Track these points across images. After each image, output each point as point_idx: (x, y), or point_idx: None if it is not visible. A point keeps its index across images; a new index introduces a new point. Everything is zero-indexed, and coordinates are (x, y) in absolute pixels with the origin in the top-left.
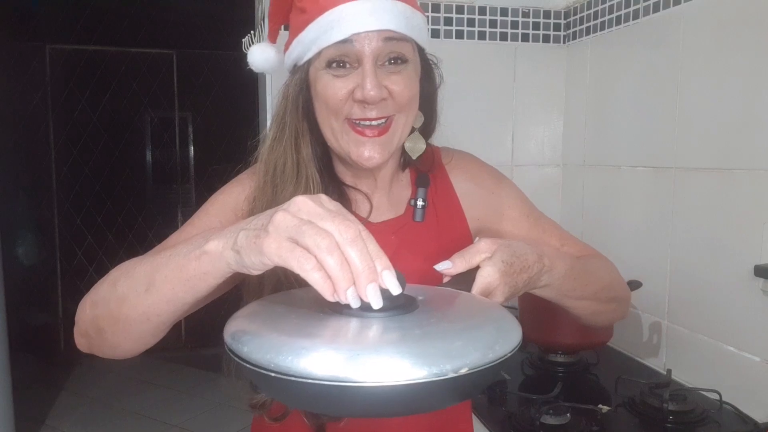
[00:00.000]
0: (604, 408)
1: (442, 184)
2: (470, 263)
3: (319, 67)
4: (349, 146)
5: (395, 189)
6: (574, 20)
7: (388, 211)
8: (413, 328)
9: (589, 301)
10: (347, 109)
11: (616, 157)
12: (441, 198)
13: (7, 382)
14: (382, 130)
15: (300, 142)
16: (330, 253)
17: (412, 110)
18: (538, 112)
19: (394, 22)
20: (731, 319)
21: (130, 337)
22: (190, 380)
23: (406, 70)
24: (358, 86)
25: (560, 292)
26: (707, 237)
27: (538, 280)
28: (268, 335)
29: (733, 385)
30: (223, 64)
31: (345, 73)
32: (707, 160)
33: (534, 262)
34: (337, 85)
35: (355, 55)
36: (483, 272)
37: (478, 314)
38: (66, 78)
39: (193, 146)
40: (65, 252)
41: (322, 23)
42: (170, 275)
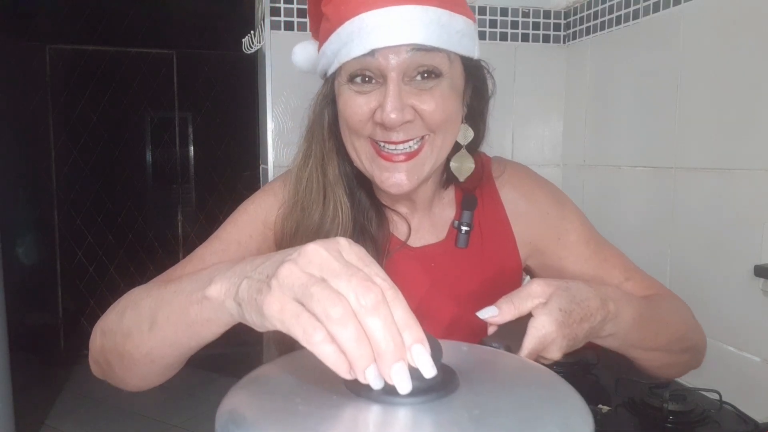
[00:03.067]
0: (604, 408)
1: (491, 202)
2: (520, 310)
3: (342, 82)
4: (374, 170)
5: (437, 209)
6: (574, 20)
7: (429, 234)
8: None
9: (660, 352)
10: (369, 129)
11: (616, 157)
12: (488, 218)
13: (7, 383)
14: (412, 154)
15: (326, 162)
16: (344, 325)
17: (449, 130)
18: (538, 112)
19: (423, 33)
20: (731, 319)
21: (136, 376)
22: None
23: (439, 87)
24: (380, 106)
25: (626, 342)
26: (707, 237)
27: (602, 329)
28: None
29: (733, 385)
30: (223, 64)
31: (369, 89)
32: (707, 160)
33: (597, 309)
34: (358, 102)
35: (378, 69)
36: (537, 323)
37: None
38: (66, 78)
39: (193, 146)
40: (65, 252)
41: (343, 34)
42: (173, 317)
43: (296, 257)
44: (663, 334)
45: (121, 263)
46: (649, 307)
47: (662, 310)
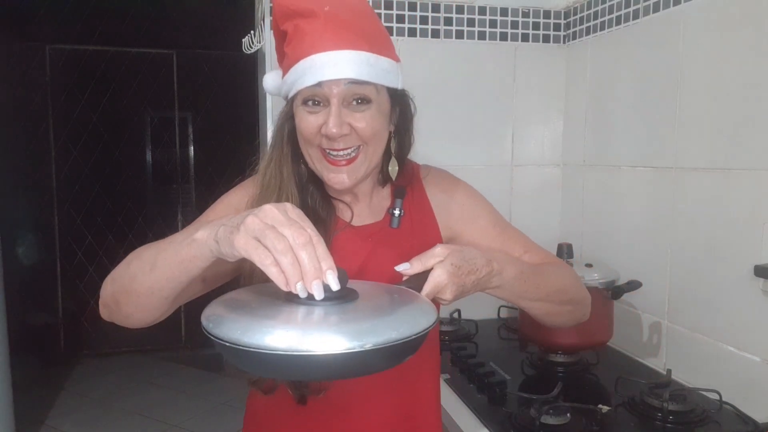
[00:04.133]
0: (604, 408)
1: (419, 197)
2: (426, 265)
3: (298, 104)
4: (323, 171)
5: (375, 200)
6: (574, 20)
7: (369, 217)
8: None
9: (542, 302)
10: (318, 140)
11: (616, 157)
12: (416, 208)
13: (7, 383)
14: (351, 159)
15: (282, 164)
16: (284, 254)
17: (378, 142)
18: (538, 112)
19: (355, 70)
20: (731, 319)
21: (139, 308)
22: (190, 380)
23: (369, 110)
24: (324, 123)
25: (513, 293)
26: (707, 237)
27: (488, 281)
28: (237, 318)
29: (733, 385)
30: (223, 64)
31: (318, 110)
32: (707, 160)
33: (482, 266)
34: (310, 119)
35: (324, 96)
36: (434, 273)
37: (402, 304)
38: (66, 78)
39: (193, 146)
40: (65, 252)
41: (299, 69)
42: (168, 258)
43: (257, 212)
44: (543, 287)
45: None
46: (531, 266)
47: (544, 270)
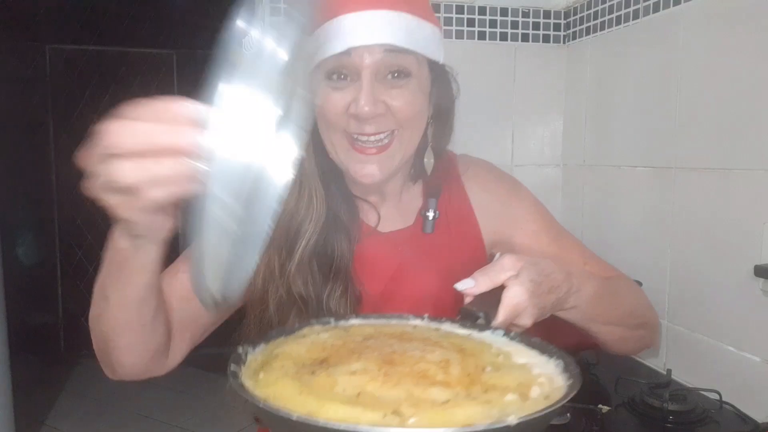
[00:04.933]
0: (604, 408)
1: (457, 195)
2: (494, 282)
3: (320, 78)
4: (349, 162)
5: (405, 199)
6: (574, 20)
7: (398, 221)
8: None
9: (615, 326)
10: (344, 122)
11: (616, 157)
12: (455, 209)
13: (7, 382)
14: (383, 147)
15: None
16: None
17: (416, 126)
18: (538, 112)
19: (394, 35)
20: (731, 319)
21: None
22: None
23: (408, 85)
24: (354, 100)
25: (586, 316)
26: (707, 237)
27: (566, 301)
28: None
29: (733, 385)
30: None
31: (344, 86)
32: (707, 160)
33: (562, 282)
34: (335, 97)
35: (353, 67)
36: (510, 293)
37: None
38: (66, 78)
39: None
40: (65, 252)
41: (321, 35)
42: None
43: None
44: (618, 309)
45: None
46: (605, 284)
47: (617, 288)
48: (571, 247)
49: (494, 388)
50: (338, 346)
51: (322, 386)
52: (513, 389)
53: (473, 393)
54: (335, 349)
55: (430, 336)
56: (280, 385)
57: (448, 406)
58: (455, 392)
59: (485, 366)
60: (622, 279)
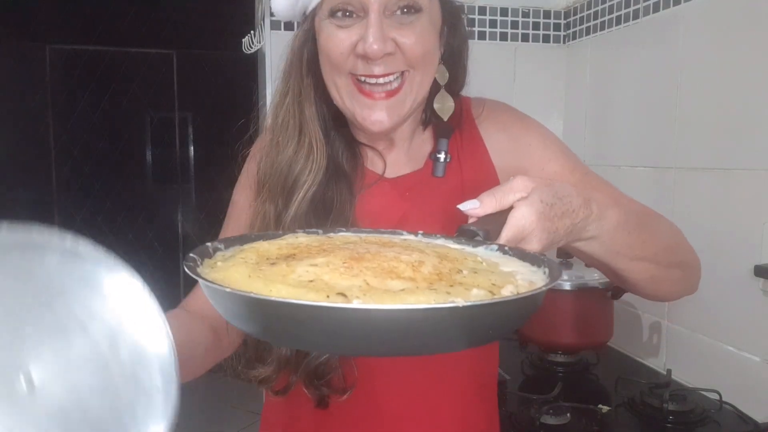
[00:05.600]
0: (604, 408)
1: (470, 138)
2: (502, 203)
3: (322, 17)
4: (355, 108)
5: (415, 144)
6: (574, 20)
7: (405, 166)
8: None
9: (647, 262)
10: (350, 63)
11: (616, 157)
12: (468, 152)
13: None
14: (392, 92)
15: (303, 99)
16: None
17: (428, 66)
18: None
19: None
20: (731, 319)
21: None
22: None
23: (419, 21)
24: (361, 39)
25: (611, 248)
26: (707, 237)
27: (584, 229)
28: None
29: (733, 385)
30: (223, 64)
31: (350, 23)
32: (707, 160)
33: (579, 207)
34: (339, 36)
35: (360, 2)
36: (517, 213)
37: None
38: (66, 78)
39: (193, 146)
40: None
41: None
42: None
43: None
44: (649, 243)
45: None
46: (637, 214)
47: (651, 219)
48: (600, 188)
49: (463, 284)
50: (311, 247)
51: (276, 273)
52: (483, 287)
53: (436, 287)
54: (307, 248)
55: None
56: (233, 270)
57: (400, 294)
58: (415, 285)
59: (462, 269)
60: (658, 216)
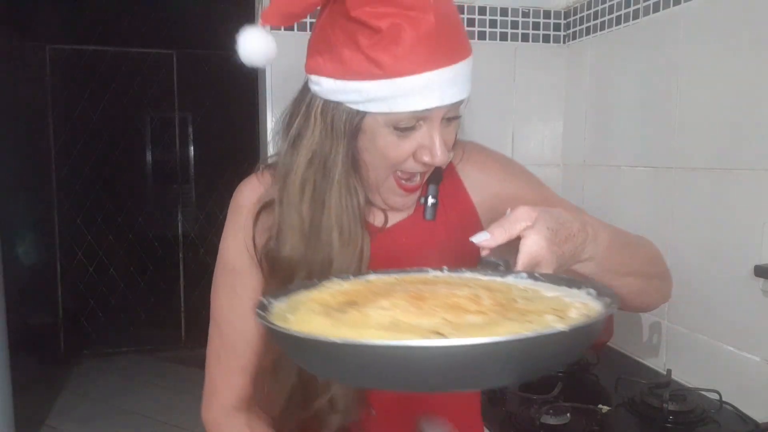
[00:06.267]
0: (604, 408)
1: (451, 178)
2: (510, 233)
3: (382, 123)
4: (388, 194)
5: None
6: (574, 20)
7: (399, 213)
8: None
9: (634, 277)
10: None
11: (616, 157)
12: (449, 193)
13: (7, 382)
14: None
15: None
16: None
17: None
18: (538, 112)
19: (468, 86)
20: (731, 319)
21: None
22: (190, 380)
23: (455, 123)
24: (423, 148)
25: (604, 267)
26: (707, 237)
27: (583, 251)
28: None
29: (733, 385)
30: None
31: (411, 134)
32: (707, 160)
33: (578, 230)
34: (402, 145)
35: (426, 118)
36: (528, 242)
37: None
38: (66, 78)
39: (193, 146)
40: (65, 252)
41: (402, 85)
42: None
43: None
44: (635, 258)
45: (121, 263)
46: (620, 233)
47: (630, 237)
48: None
49: (530, 312)
50: (363, 291)
51: (356, 320)
52: (550, 312)
53: (510, 316)
54: (360, 293)
55: (454, 281)
56: (314, 322)
57: (487, 327)
58: (492, 317)
59: (515, 298)
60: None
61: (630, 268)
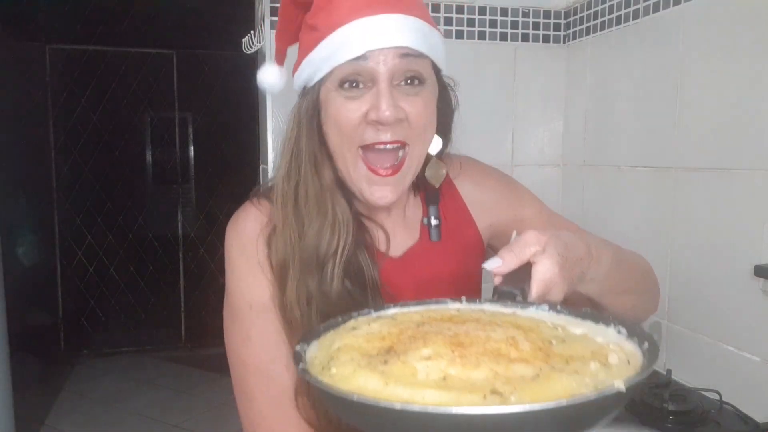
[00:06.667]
0: None
1: (450, 196)
2: (521, 258)
3: (330, 88)
4: (361, 182)
5: (409, 211)
6: (574, 20)
7: (405, 235)
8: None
9: (629, 294)
10: (360, 133)
11: (616, 157)
12: (450, 212)
13: (7, 382)
14: (395, 169)
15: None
16: None
17: (427, 138)
18: (538, 112)
19: (411, 38)
20: (731, 319)
21: None
22: (190, 380)
23: (423, 91)
24: (373, 107)
25: (604, 287)
26: (707, 237)
27: (587, 273)
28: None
29: (733, 385)
30: (223, 64)
31: (358, 94)
32: (707, 160)
33: (585, 253)
34: (350, 107)
35: (369, 73)
36: (541, 268)
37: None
38: (66, 78)
39: (193, 146)
40: (65, 252)
41: (335, 40)
42: None
43: None
44: (632, 274)
45: (121, 263)
46: (618, 250)
47: (624, 252)
48: (566, 226)
49: (572, 358)
50: (396, 334)
51: (403, 374)
52: (590, 358)
53: (556, 365)
54: (394, 336)
55: (480, 317)
56: (361, 378)
57: (541, 380)
58: (538, 366)
59: (550, 339)
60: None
61: (627, 286)
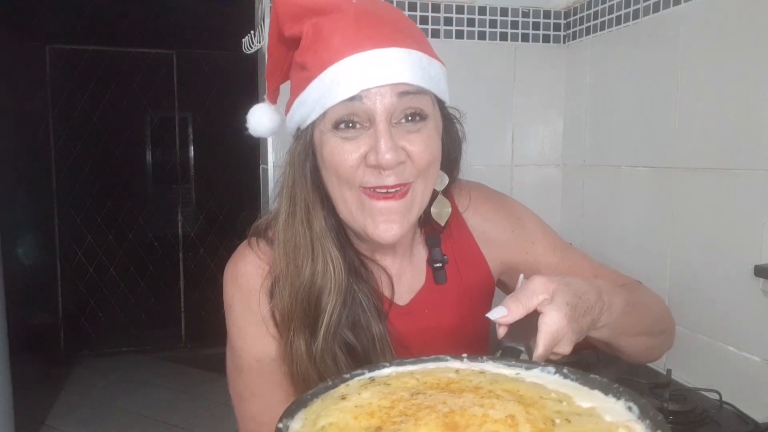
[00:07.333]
0: None
1: (459, 232)
2: (528, 307)
3: (324, 130)
4: (365, 220)
5: (415, 251)
6: (574, 20)
7: (412, 278)
8: None
9: (644, 336)
10: (360, 176)
11: (616, 157)
12: (460, 248)
13: (7, 382)
14: (401, 194)
15: (312, 217)
16: None
17: (432, 174)
18: (538, 112)
19: (409, 73)
20: (731, 319)
21: None
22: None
23: (425, 128)
24: (372, 149)
25: (616, 331)
26: (707, 237)
27: (599, 320)
28: None
29: (733, 385)
30: (223, 64)
31: (355, 135)
32: (707, 160)
33: (596, 301)
34: (346, 149)
35: (365, 113)
36: (548, 319)
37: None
38: (66, 78)
39: (193, 146)
40: (65, 252)
41: (326, 79)
42: None
43: None
44: (645, 318)
45: (121, 263)
46: (630, 294)
47: (640, 296)
48: (580, 261)
49: None
50: (387, 408)
51: None
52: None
53: None
54: (385, 412)
55: (480, 384)
56: None
57: None
58: None
59: (553, 418)
60: (638, 285)
61: (640, 329)
